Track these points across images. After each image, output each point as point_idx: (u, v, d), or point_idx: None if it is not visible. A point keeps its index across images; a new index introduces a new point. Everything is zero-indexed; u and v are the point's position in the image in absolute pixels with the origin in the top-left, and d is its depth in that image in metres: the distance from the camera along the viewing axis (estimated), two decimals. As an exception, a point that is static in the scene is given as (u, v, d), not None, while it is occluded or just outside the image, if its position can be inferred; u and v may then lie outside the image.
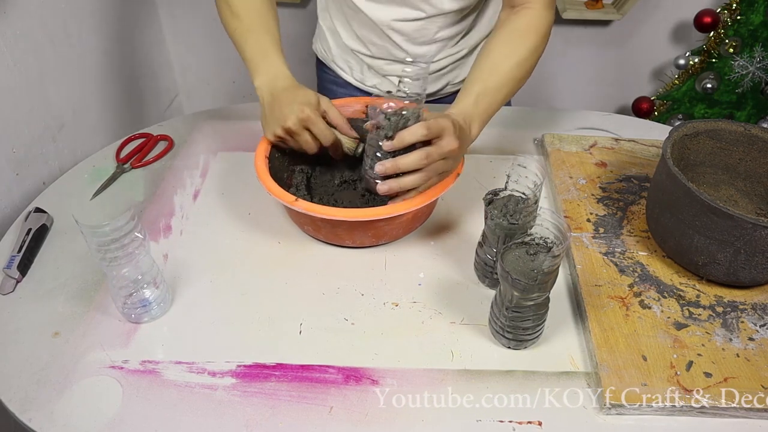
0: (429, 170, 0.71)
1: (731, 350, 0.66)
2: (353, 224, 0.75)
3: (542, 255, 0.63)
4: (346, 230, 0.77)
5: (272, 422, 0.61)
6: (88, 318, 0.71)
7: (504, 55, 0.80)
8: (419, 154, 0.69)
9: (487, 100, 0.78)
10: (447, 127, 0.70)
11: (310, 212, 0.73)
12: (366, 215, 0.72)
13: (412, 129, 0.69)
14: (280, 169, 0.84)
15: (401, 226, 0.79)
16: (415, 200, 0.73)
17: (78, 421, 0.61)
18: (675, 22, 1.69)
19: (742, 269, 0.69)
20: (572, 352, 0.68)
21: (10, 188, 0.93)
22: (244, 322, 0.71)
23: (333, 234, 0.79)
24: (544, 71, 1.83)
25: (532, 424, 0.61)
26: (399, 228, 0.79)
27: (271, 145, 0.82)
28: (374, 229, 0.77)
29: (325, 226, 0.77)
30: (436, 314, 0.72)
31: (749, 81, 1.54)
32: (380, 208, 0.73)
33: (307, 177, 0.87)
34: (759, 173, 0.81)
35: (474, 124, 0.77)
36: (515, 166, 0.68)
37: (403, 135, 0.69)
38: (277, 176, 0.80)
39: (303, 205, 0.73)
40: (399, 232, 0.80)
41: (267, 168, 0.79)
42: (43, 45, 1.05)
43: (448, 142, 0.70)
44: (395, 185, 0.72)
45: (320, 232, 0.79)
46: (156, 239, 0.82)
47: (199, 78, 1.85)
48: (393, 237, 0.80)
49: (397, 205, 0.73)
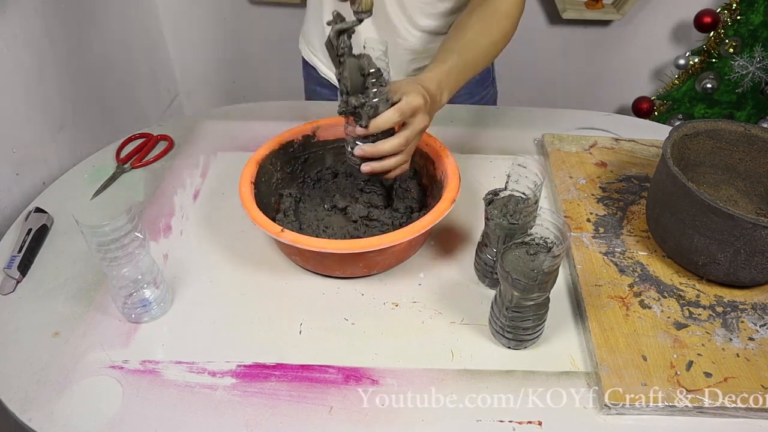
0: (407, 150, 0.73)
1: (731, 350, 0.66)
2: (343, 256, 0.71)
3: (542, 255, 0.63)
4: (336, 262, 0.73)
5: (272, 422, 0.61)
6: (88, 318, 0.71)
7: (480, 33, 0.82)
8: (398, 140, 0.71)
9: (461, 73, 0.79)
10: (418, 106, 0.71)
11: (297, 244, 0.68)
12: (356, 247, 0.68)
13: (385, 116, 0.69)
14: (267, 194, 0.81)
15: (394, 255, 0.75)
16: (406, 231, 0.69)
17: (78, 421, 0.61)
18: (675, 22, 1.69)
19: (742, 269, 0.69)
20: (572, 352, 0.68)
21: (10, 188, 0.93)
22: (244, 322, 0.71)
23: (321, 265, 0.75)
24: (544, 71, 1.83)
25: (532, 424, 0.61)
26: (392, 257, 0.75)
27: (258, 167, 0.79)
28: (365, 260, 0.73)
29: (313, 257, 0.73)
30: (436, 314, 0.72)
31: (749, 81, 1.55)
32: (372, 239, 0.69)
33: (295, 201, 0.84)
34: (759, 173, 0.81)
35: (445, 92, 0.77)
36: (515, 166, 0.68)
37: (378, 123, 0.70)
38: (264, 201, 0.78)
39: (289, 236, 0.69)
40: (392, 261, 0.76)
41: (252, 194, 0.75)
42: (43, 45, 1.05)
43: (420, 120, 0.71)
44: (377, 166, 0.73)
45: (309, 263, 0.76)
46: (156, 239, 0.82)
47: (199, 78, 1.85)
48: (385, 267, 0.77)
49: (389, 235, 0.69)
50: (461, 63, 0.79)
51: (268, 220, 0.71)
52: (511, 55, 1.79)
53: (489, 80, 1.15)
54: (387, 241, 0.68)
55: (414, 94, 0.70)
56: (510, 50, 0.86)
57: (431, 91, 0.74)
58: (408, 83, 0.72)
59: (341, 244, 0.69)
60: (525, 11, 0.87)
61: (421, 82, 0.73)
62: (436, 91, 0.75)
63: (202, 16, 1.73)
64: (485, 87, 1.14)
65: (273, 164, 0.83)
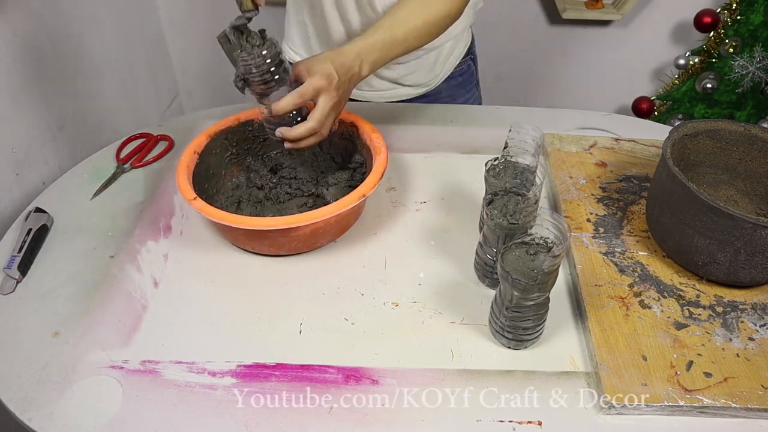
0: (322, 128, 0.75)
1: (731, 350, 0.66)
2: (248, 232, 0.75)
3: (542, 255, 0.63)
4: (243, 235, 0.77)
5: (272, 422, 0.61)
6: (88, 318, 0.71)
7: (414, 12, 0.81)
8: (311, 124, 0.74)
9: (386, 49, 0.79)
10: (320, 87, 0.73)
11: (203, 213, 0.73)
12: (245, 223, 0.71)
13: (285, 101, 0.72)
14: (216, 166, 0.86)
15: (299, 239, 0.77)
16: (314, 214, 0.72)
17: (78, 421, 0.61)
18: (675, 22, 1.69)
19: (742, 269, 0.69)
20: (572, 352, 0.68)
21: (10, 188, 0.93)
22: (244, 322, 0.71)
23: (231, 236, 0.79)
24: (544, 71, 1.83)
25: (532, 424, 0.61)
26: (297, 241, 0.77)
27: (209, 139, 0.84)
28: (269, 238, 0.76)
29: (222, 229, 0.79)
30: (436, 314, 0.72)
31: (749, 81, 1.55)
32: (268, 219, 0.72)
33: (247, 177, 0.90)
34: (759, 173, 0.81)
35: (365, 65, 0.78)
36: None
37: (278, 108, 0.72)
38: (211, 172, 0.84)
39: (198, 204, 0.73)
40: (298, 245, 0.78)
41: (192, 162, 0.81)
42: (43, 45, 1.05)
43: (326, 99, 0.74)
44: (296, 146, 0.76)
45: (226, 235, 0.80)
46: (156, 239, 0.82)
47: (199, 78, 1.85)
48: (292, 249, 0.78)
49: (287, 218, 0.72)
50: (389, 39, 0.79)
51: (187, 186, 0.76)
52: (511, 55, 1.81)
53: (472, 83, 1.14)
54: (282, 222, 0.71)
55: (318, 76, 0.72)
56: (510, 50, 0.85)
57: (346, 63, 0.75)
58: (318, 61, 0.74)
59: (238, 219, 0.72)
60: (525, 11, 0.87)
61: (337, 55, 0.75)
62: (353, 63, 0.76)
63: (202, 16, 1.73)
64: (468, 90, 1.13)
65: (229, 139, 0.88)
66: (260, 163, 0.91)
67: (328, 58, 0.74)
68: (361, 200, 0.74)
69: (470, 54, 1.11)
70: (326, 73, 0.73)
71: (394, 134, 1.00)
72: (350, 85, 0.78)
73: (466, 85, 1.12)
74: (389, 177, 0.92)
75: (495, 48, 1.75)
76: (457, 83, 1.10)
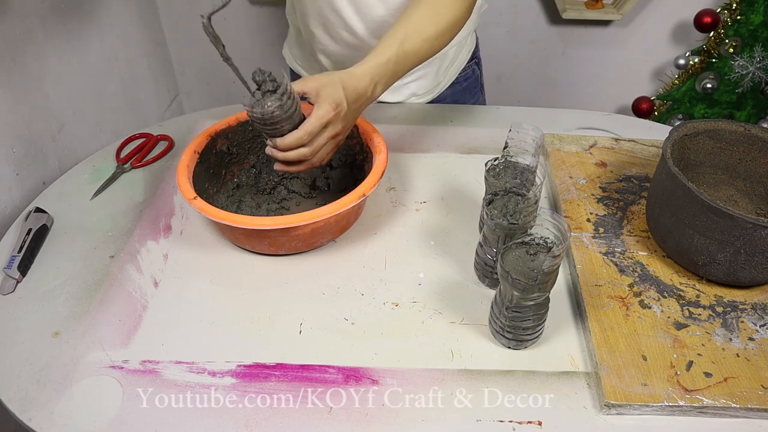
0: (318, 153, 0.73)
1: (731, 350, 0.66)
2: (248, 231, 0.74)
3: (542, 255, 0.63)
4: (243, 235, 0.77)
5: (272, 422, 0.61)
6: (88, 318, 0.71)
7: (427, 21, 0.79)
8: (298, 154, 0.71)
9: (400, 64, 0.77)
10: (329, 119, 0.70)
11: (204, 213, 0.73)
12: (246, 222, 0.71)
13: (290, 139, 0.70)
14: (217, 165, 0.86)
15: (299, 239, 0.76)
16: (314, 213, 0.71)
17: (78, 421, 0.61)
18: (675, 22, 1.69)
19: (742, 269, 0.69)
20: (572, 352, 0.68)
21: (10, 188, 0.93)
22: (244, 322, 0.71)
23: (232, 236, 0.79)
24: (544, 71, 1.83)
25: (532, 424, 0.61)
26: (297, 240, 0.77)
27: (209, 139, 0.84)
28: (270, 238, 0.75)
29: (223, 228, 0.79)
30: (436, 314, 0.72)
31: (749, 81, 1.55)
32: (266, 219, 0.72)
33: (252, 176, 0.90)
34: (759, 173, 0.81)
35: (379, 85, 0.76)
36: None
37: (284, 145, 0.70)
38: (212, 172, 0.84)
39: (199, 204, 0.73)
40: (298, 245, 0.78)
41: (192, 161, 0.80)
42: (43, 45, 1.05)
43: (330, 130, 0.72)
44: (287, 168, 0.74)
45: (225, 234, 0.80)
46: (156, 239, 0.82)
47: (199, 78, 1.85)
48: (293, 249, 0.78)
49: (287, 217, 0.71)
50: (402, 55, 0.76)
51: (188, 186, 0.76)
52: (512, 55, 1.81)
53: (477, 88, 1.13)
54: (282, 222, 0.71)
55: (327, 104, 0.69)
56: (510, 50, 0.85)
57: (359, 89, 0.73)
58: (330, 83, 0.71)
59: (238, 218, 0.71)
60: (525, 11, 0.86)
61: (350, 79, 0.72)
62: (365, 88, 0.74)
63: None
64: (473, 94, 1.12)
65: (229, 139, 0.87)
66: (260, 162, 0.91)
67: (340, 82, 0.71)
68: (360, 200, 0.74)
69: (474, 58, 1.09)
70: (336, 102, 0.70)
71: (394, 134, 1.00)
72: (358, 112, 0.76)
73: (471, 90, 1.11)
74: (389, 177, 0.92)
75: (495, 48, 1.75)
76: (462, 88, 1.09)
